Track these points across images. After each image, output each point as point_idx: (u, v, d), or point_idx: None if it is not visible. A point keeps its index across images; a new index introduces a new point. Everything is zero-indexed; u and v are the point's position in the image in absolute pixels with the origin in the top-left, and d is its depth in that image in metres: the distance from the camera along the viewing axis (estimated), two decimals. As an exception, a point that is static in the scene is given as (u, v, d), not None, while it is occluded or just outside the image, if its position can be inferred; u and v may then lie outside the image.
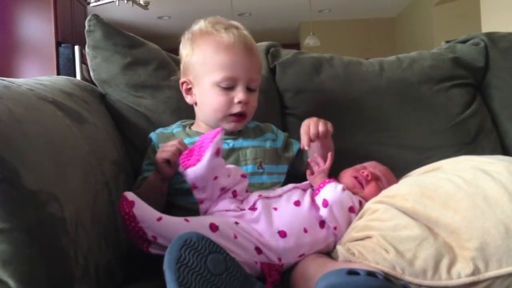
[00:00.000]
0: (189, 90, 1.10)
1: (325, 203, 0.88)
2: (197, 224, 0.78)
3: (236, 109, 1.03)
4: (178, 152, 0.93)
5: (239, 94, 1.02)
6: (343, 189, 0.90)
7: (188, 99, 1.11)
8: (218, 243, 0.70)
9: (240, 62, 1.02)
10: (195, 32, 1.08)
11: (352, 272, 0.59)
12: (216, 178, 0.87)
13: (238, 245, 0.80)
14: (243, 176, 0.94)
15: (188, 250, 0.64)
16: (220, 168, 0.88)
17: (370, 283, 0.58)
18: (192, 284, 0.62)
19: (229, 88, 1.02)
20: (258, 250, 0.82)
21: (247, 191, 0.96)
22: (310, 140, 1.01)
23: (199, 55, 1.05)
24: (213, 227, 0.78)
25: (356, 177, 0.99)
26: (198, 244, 0.65)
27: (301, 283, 0.80)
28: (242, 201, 0.92)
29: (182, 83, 1.10)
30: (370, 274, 0.59)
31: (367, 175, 0.98)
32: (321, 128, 1.01)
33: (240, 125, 1.07)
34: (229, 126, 1.06)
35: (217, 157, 0.85)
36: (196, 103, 1.09)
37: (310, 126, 1.02)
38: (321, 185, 0.92)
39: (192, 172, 0.84)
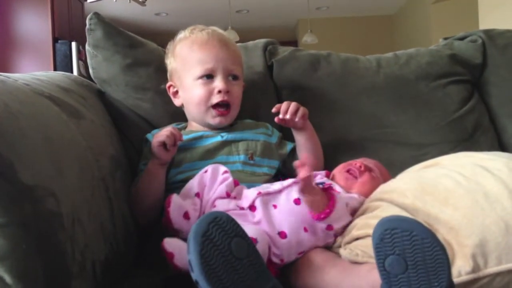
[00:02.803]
0: (176, 94, 1.14)
1: (331, 228, 0.85)
2: None
3: (217, 98, 1.06)
4: (172, 136, 0.97)
5: (218, 84, 1.06)
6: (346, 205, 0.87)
7: (176, 101, 1.15)
8: None
9: (216, 54, 1.07)
10: (175, 41, 1.15)
11: (420, 224, 0.63)
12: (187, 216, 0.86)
13: None
14: (225, 172, 0.94)
15: (215, 227, 0.64)
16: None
17: (435, 238, 0.61)
18: (213, 260, 0.62)
19: (209, 80, 1.07)
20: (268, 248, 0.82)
21: (236, 183, 0.96)
22: (283, 120, 1.08)
23: (178, 58, 1.11)
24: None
25: (348, 170, 0.99)
26: (226, 225, 0.65)
27: (305, 274, 0.80)
28: (236, 197, 0.91)
29: (169, 87, 1.15)
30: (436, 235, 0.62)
31: (360, 166, 0.99)
32: (292, 104, 1.08)
33: (225, 119, 1.09)
34: (214, 121, 1.09)
35: (184, 219, 0.85)
36: (183, 104, 1.14)
37: (283, 104, 1.09)
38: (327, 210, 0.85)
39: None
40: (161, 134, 0.97)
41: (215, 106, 1.07)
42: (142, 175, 1.02)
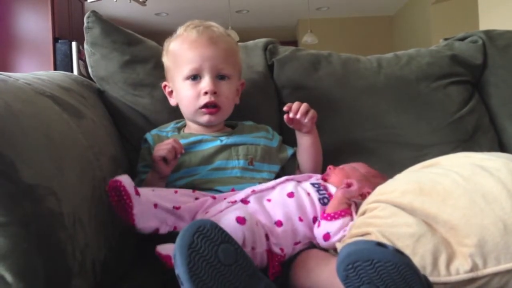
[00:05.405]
0: (171, 93, 1.13)
1: (327, 237, 0.86)
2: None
3: (204, 100, 1.04)
4: (174, 150, 0.96)
5: (204, 85, 1.04)
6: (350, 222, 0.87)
7: (171, 101, 1.14)
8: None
9: (203, 53, 1.05)
10: (170, 39, 1.13)
11: (380, 244, 0.61)
12: (156, 206, 0.82)
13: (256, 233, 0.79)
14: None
15: (200, 237, 0.62)
16: (150, 202, 0.82)
17: (397, 258, 0.59)
18: (202, 271, 0.61)
19: (196, 81, 1.05)
20: (266, 236, 0.83)
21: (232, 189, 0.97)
22: (292, 118, 1.08)
23: (170, 57, 1.10)
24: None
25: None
26: (211, 233, 0.63)
27: (301, 274, 0.80)
28: (234, 202, 0.92)
29: (164, 87, 1.14)
30: (398, 251, 0.61)
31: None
32: (303, 105, 1.08)
33: (215, 118, 1.07)
34: (203, 119, 1.07)
35: (139, 198, 0.79)
36: (178, 104, 1.12)
37: (294, 103, 1.09)
38: (336, 215, 0.87)
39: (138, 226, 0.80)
40: (162, 149, 0.96)
41: (203, 106, 1.05)
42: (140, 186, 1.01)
